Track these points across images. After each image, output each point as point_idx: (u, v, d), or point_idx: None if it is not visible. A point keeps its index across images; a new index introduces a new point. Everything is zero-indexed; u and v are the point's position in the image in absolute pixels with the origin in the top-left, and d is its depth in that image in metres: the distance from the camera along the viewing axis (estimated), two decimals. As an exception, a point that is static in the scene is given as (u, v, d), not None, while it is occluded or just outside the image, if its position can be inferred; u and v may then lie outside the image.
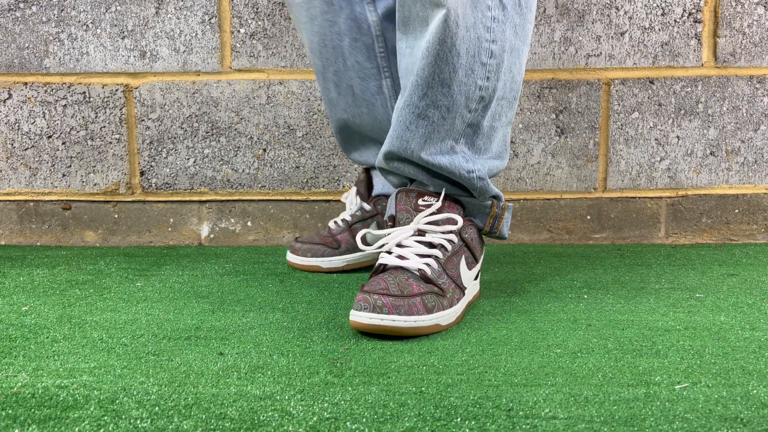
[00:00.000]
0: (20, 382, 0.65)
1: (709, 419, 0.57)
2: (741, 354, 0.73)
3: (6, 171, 1.36)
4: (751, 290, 0.99)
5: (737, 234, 1.35)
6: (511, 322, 0.84)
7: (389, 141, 0.90)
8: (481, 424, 0.56)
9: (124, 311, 0.89)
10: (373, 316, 0.76)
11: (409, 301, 0.78)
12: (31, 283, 1.04)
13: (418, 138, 0.87)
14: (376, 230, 0.93)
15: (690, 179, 1.34)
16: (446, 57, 0.84)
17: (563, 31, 1.31)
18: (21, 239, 1.37)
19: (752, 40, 1.31)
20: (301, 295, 0.98)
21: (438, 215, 0.87)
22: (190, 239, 1.36)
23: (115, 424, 0.57)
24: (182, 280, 1.07)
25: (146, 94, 1.33)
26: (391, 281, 0.80)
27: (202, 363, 0.70)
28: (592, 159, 1.34)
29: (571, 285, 1.03)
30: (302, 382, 0.65)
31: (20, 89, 1.34)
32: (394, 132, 0.89)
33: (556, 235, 1.35)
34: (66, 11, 1.32)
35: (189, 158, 1.35)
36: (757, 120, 1.33)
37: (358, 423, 0.57)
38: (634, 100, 1.32)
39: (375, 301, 0.77)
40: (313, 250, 1.12)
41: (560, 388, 0.64)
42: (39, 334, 0.80)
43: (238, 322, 0.85)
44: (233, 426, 0.56)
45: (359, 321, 0.77)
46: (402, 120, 0.88)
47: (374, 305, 0.76)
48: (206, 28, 1.32)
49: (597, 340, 0.77)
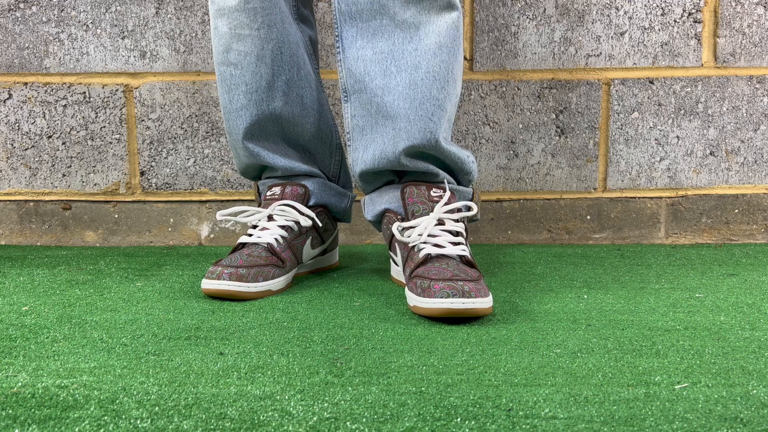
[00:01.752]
0: (20, 382, 0.65)
1: (709, 419, 0.57)
2: (741, 354, 0.73)
3: (6, 171, 1.36)
4: (751, 290, 0.99)
5: (737, 234, 1.35)
6: (511, 322, 0.84)
7: (410, 135, 0.95)
8: (481, 424, 0.56)
9: (124, 311, 0.89)
10: (465, 301, 0.83)
11: (478, 285, 0.85)
12: (31, 283, 1.04)
13: (440, 129, 0.96)
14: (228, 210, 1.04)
15: (690, 179, 1.34)
16: (456, 54, 0.96)
17: (563, 31, 1.31)
18: (21, 239, 1.37)
19: (752, 40, 1.31)
20: (301, 295, 0.98)
21: (453, 204, 0.96)
22: (190, 239, 1.36)
23: (115, 424, 0.57)
24: (182, 280, 1.07)
25: (146, 94, 1.33)
26: (453, 267, 0.88)
27: (202, 363, 0.70)
28: (592, 159, 1.34)
29: (571, 285, 1.03)
30: (302, 382, 0.65)
31: (20, 89, 1.34)
32: (415, 126, 0.94)
33: (556, 235, 1.35)
34: (66, 11, 1.32)
35: (189, 158, 1.35)
36: (757, 120, 1.33)
37: (358, 423, 0.57)
38: (634, 100, 1.32)
39: (462, 287, 0.83)
40: (263, 273, 0.99)
41: (560, 388, 0.64)
42: (39, 334, 0.80)
43: (238, 322, 0.85)
44: (233, 426, 0.56)
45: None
46: (424, 113, 0.94)
47: (462, 291, 0.83)
48: (206, 28, 1.32)
49: (597, 340, 0.77)
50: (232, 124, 1.06)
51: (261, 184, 1.12)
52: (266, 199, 1.07)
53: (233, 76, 1.03)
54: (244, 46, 1.02)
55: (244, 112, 1.04)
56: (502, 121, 1.33)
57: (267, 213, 1.04)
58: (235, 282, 0.94)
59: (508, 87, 1.32)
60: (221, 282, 0.94)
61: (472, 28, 1.31)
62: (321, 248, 1.11)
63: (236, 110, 1.05)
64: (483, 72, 1.32)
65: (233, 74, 1.03)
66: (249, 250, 0.99)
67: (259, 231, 1.03)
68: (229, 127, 1.07)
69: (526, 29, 1.31)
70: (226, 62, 1.03)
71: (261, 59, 1.02)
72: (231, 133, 1.07)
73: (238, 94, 1.04)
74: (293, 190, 1.07)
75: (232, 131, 1.07)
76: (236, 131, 1.06)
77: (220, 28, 1.03)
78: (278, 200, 1.06)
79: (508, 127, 1.33)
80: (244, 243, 1.02)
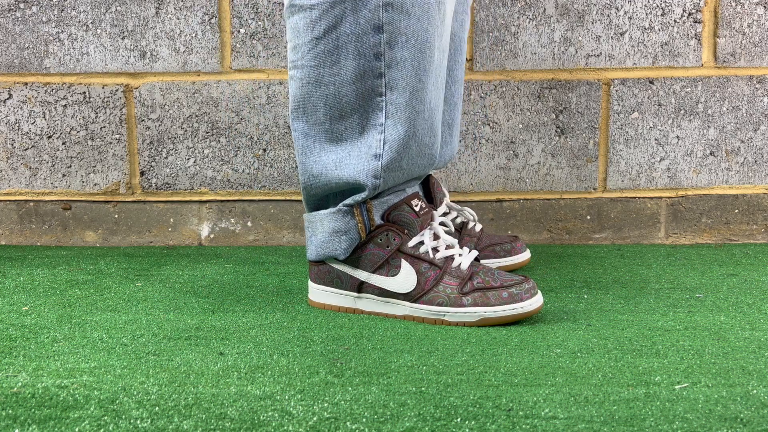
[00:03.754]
0: (20, 382, 0.65)
1: (709, 419, 0.57)
2: (741, 354, 0.73)
3: (6, 171, 1.36)
4: (751, 290, 0.99)
5: (737, 234, 1.35)
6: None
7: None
8: (481, 424, 0.56)
9: (124, 311, 0.89)
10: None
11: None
12: (31, 283, 1.04)
13: None
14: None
15: (690, 179, 1.34)
16: None
17: (563, 31, 1.31)
18: (21, 239, 1.37)
19: (752, 40, 1.31)
20: (301, 296, 0.98)
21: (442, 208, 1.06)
22: (190, 239, 1.36)
23: (115, 424, 0.57)
24: (182, 280, 1.07)
25: (146, 94, 1.33)
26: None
27: (202, 363, 0.70)
28: (592, 159, 1.34)
29: (571, 285, 1.03)
30: (302, 382, 0.65)
31: (20, 89, 1.34)
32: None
33: (556, 235, 1.35)
34: (66, 11, 1.32)
35: (189, 158, 1.35)
36: (757, 120, 1.33)
37: (358, 423, 0.57)
38: (634, 100, 1.32)
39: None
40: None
41: (560, 388, 0.64)
42: (39, 334, 0.80)
43: (238, 322, 0.85)
44: (233, 426, 0.56)
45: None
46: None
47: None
48: (206, 28, 1.32)
49: (597, 340, 0.77)
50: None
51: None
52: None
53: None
54: (441, 37, 0.88)
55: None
56: (502, 121, 1.33)
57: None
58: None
59: (508, 87, 1.32)
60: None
61: (472, 28, 1.31)
62: None
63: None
64: (483, 72, 1.32)
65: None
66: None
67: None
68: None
69: (526, 29, 1.31)
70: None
71: (442, 52, 0.89)
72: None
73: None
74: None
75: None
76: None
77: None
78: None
79: (508, 127, 1.33)
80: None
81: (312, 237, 0.92)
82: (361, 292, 0.89)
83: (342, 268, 0.90)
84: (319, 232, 0.90)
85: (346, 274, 0.89)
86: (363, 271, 0.88)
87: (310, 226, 0.92)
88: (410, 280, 0.86)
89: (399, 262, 0.86)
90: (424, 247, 0.87)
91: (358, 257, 0.88)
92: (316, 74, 0.84)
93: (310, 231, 0.92)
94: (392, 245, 0.86)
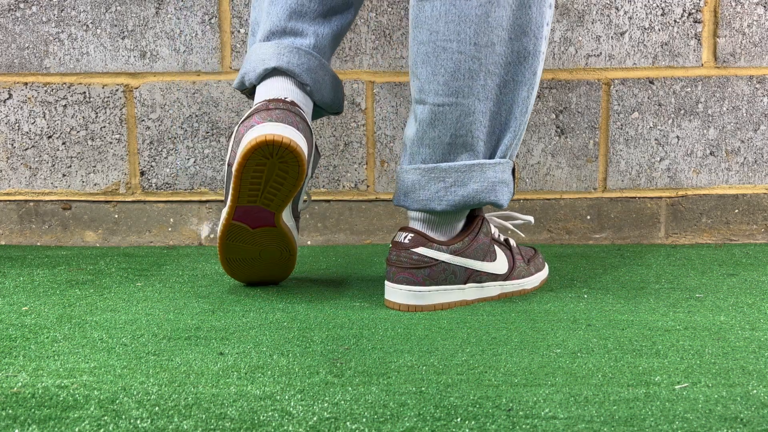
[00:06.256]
0: (20, 382, 0.65)
1: (709, 419, 0.57)
2: (741, 354, 0.73)
3: (6, 171, 1.36)
4: (751, 290, 0.99)
5: (737, 234, 1.35)
6: (511, 322, 0.84)
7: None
8: (481, 424, 0.56)
9: (124, 311, 0.89)
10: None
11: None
12: (31, 283, 1.04)
13: None
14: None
15: (690, 179, 1.34)
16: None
17: (563, 31, 1.31)
18: (21, 239, 1.37)
19: (752, 40, 1.31)
20: (301, 295, 0.98)
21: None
22: (190, 239, 1.36)
23: (115, 424, 0.57)
24: (182, 280, 1.07)
25: (146, 94, 1.33)
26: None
27: (202, 363, 0.70)
28: (592, 159, 1.34)
29: (571, 285, 1.03)
30: (302, 382, 0.65)
31: (20, 89, 1.34)
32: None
33: (556, 235, 1.35)
34: (66, 11, 1.32)
35: (189, 158, 1.35)
36: (757, 120, 1.33)
37: (358, 423, 0.57)
38: (634, 100, 1.32)
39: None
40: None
41: (560, 388, 0.64)
42: (39, 334, 0.80)
43: (238, 322, 0.85)
44: (233, 426, 0.56)
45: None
46: None
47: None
48: (206, 28, 1.32)
49: (597, 340, 0.77)
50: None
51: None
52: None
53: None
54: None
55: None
56: (502, 121, 1.33)
57: None
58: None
59: (508, 87, 1.32)
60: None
61: (472, 28, 1.31)
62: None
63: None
64: (483, 72, 1.32)
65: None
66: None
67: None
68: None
69: (526, 29, 1.31)
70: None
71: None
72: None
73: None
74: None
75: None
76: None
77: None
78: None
79: (508, 127, 1.33)
80: None
81: (455, 188, 0.89)
82: (467, 283, 0.92)
83: (458, 262, 0.90)
84: (473, 181, 0.88)
85: (460, 268, 0.91)
86: (475, 260, 0.92)
87: (448, 176, 0.89)
88: (505, 262, 0.96)
89: (493, 248, 0.95)
90: (494, 231, 0.98)
91: (469, 248, 0.92)
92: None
93: (449, 181, 0.89)
94: (489, 233, 0.95)
